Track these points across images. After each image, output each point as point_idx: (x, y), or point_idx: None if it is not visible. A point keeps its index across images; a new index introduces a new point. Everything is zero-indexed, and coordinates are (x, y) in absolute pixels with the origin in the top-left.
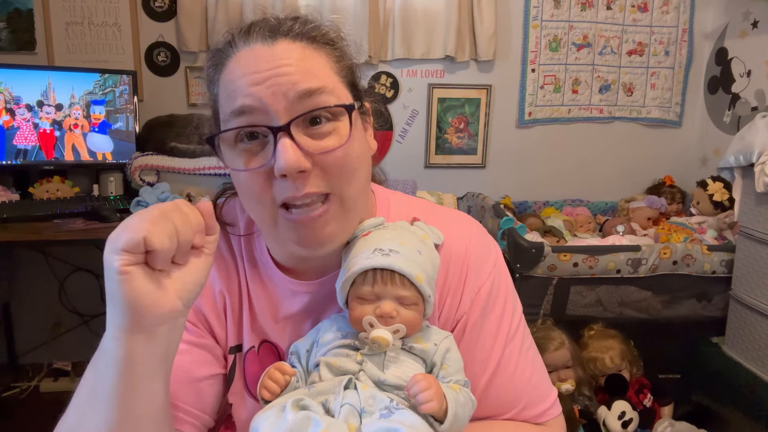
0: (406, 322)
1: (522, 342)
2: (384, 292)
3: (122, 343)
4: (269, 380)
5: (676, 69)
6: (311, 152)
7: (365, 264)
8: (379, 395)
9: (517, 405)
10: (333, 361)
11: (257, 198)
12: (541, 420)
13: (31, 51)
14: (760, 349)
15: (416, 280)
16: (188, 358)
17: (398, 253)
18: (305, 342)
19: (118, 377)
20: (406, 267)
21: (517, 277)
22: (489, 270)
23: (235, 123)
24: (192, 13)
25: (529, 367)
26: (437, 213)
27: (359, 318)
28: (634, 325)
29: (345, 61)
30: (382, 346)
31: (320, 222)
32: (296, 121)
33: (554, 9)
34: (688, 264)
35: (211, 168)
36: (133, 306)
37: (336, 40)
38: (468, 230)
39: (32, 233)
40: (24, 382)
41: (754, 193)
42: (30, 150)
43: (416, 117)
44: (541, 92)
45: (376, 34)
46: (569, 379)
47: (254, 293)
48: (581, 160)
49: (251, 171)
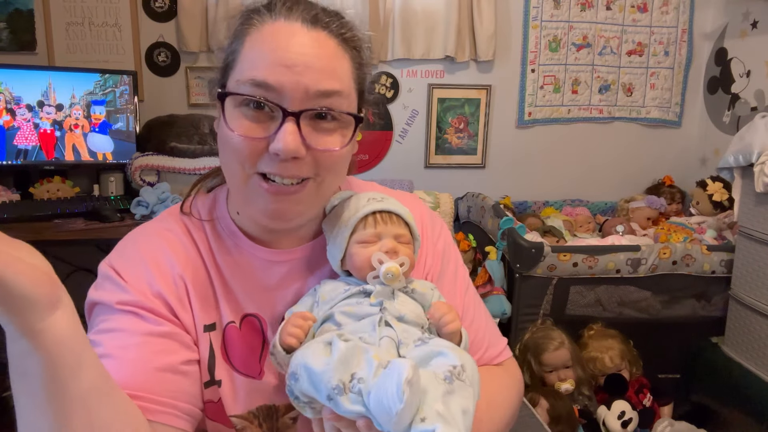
0: (407, 257)
1: (474, 292)
2: (385, 231)
3: (42, 333)
4: (293, 327)
5: (675, 69)
6: (311, 146)
7: (365, 210)
8: (410, 329)
9: (482, 346)
10: (349, 309)
11: (240, 161)
12: (499, 360)
13: (31, 51)
14: (760, 349)
15: (409, 219)
16: (148, 348)
17: (389, 199)
18: (301, 306)
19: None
20: (400, 209)
21: (517, 277)
22: (439, 230)
23: (249, 91)
24: (192, 13)
25: (484, 314)
26: (388, 191)
27: (367, 258)
28: (634, 325)
29: (364, 69)
30: (396, 277)
31: (293, 198)
32: (307, 114)
33: (554, 9)
34: (688, 264)
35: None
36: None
37: (363, 47)
38: (416, 201)
39: (32, 233)
40: None
41: (754, 193)
42: (30, 150)
43: (416, 117)
44: (541, 92)
45: (376, 34)
46: (569, 379)
47: (226, 269)
48: (581, 160)
49: (247, 138)
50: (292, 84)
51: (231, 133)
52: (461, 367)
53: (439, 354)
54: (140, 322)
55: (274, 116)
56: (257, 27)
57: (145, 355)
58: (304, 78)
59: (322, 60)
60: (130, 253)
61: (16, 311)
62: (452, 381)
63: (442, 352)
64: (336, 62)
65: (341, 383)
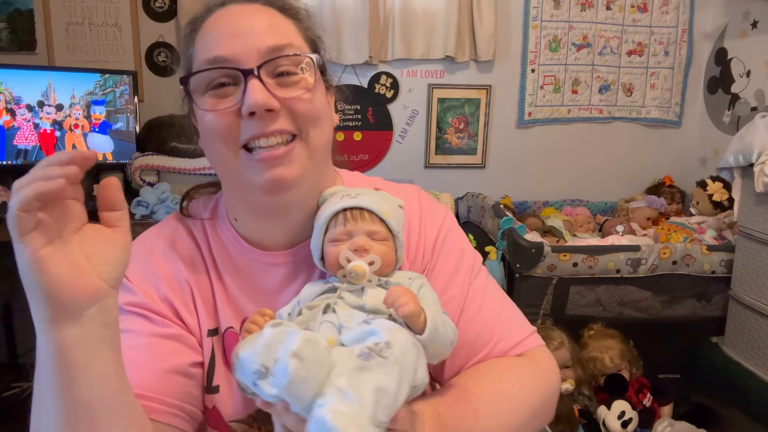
0: (380, 255)
1: (486, 282)
2: (356, 229)
3: (51, 334)
4: (252, 324)
5: (675, 69)
6: (279, 95)
7: (336, 207)
8: (357, 313)
9: (491, 339)
10: (312, 303)
11: (221, 137)
12: (518, 351)
13: (31, 51)
14: (760, 349)
15: (384, 215)
16: (156, 349)
17: (365, 195)
18: (287, 307)
19: (55, 369)
20: (373, 204)
21: (517, 277)
22: (440, 220)
23: (207, 68)
24: (192, 13)
25: (497, 304)
26: (391, 185)
27: (336, 257)
28: (634, 325)
29: (311, 34)
30: (360, 276)
31: (285, 159)
32: (266, 71)
33: (554, 9)
34: (688, 264)
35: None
36: (53, 293)
37: (302, 16)
38: (417, 194)
39: None
40: (24, 382)
41: (754, 193)
42: (30, 150)
43: (416, 117)
44: (541, 92)
45: (376, 34)
46: (569, 379)
47: (226, 273)
48: (581, 160)
49: (218, 111)
50: (243, 48)
51: (204, 113)
52: (385, 344)
53: (371, 333)
54: (148, 324)
55: (238, 88)
56: (201, 26)
57: (154, 355)
58: (252, 39)
59: (264, 22)
60: (136, 256)
61: (42, 303)
62: (369, 358)
63: (374, 330)
64: (278, 22)
65: (263, 367)
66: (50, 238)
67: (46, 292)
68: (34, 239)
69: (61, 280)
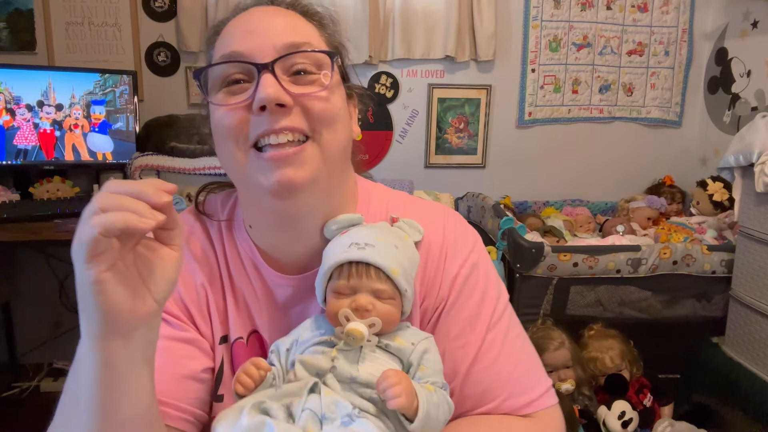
0: (382, 316)
1: (507, 329)
2: (359, 286)
3: (99, 352)
4: (244, 375)
5: (676, 69)
6: (293, 92)
7: (341, 257)
8: (341, 402)
9: (501, 394)
10: (307, 359)
11: (232, 135)
12: (527, 411)
13: (31, 51)
14: (760, 349)
15: (392, 273)
16: (174, 353)
17: (374, 246)
18: (286, 341)
19: (97, 385)
20: (382, 260)
21: (517, 277)
22: (465, 255)
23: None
24: (192, 13)
25: (514, 355)
26: (415, 204)
27: (335, 312)
28: (634, 325)
29: (333, 40)
30: (357, 339)
31: (296, 160)
32: (281, 66)
33: (554, 9)
34: (688, 264)
35: (211, 168)
36: (110, 315)
37: (326, 21)
38: (443, 219)
39: (32, 233)
40: (24, 382)
41: (754, 193)
42: (30, 150)
43: (416, 117)
44: (541, 92)
45: (376, 34)
46: (569, 379)
47: (239, 281)
48: (581, 160)
49: (230, 106)
50: (259, 43)
51: (216, 108)
52: None
53: None
54: (166, 327)
55: (253, 82)
56: (223, 29)
57: (171, 360)
58: (269, 36)
59: (284, 21)
60: None
61: (97, 322)
62: None
63: None
64: (299, 23)
65: None
66: (114, 261)
67: (103, 312)
68: (100, 262)
69: (119, 303)
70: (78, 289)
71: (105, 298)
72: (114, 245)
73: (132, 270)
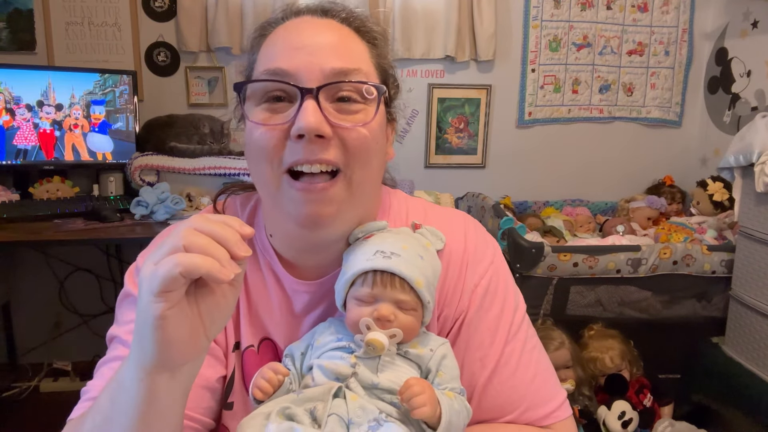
0: (403, 327)
1: (525, 341)
2: (383, 295)
3: (146, 383)
4: (262, 380)
5: (676, 69)
6: (334, 122)
7: (366, 265)
8: (368, 406)
9: (519, 406)
10: (326, 364)
11: (267, 156)
12: (546, 423)
13: (31, 51)
14: (760, 349)
15: (416, 284)
16: None
17: (400, 256)
18: (300, 345)
19: (138, 413)
20: (407, 271)
21: (517, 277)
22: (486, 266)
23: (266, 79)
24: (192, 13)
25: (532, 367)
26: (434, 212)
27: (356, 320)
28: (634, 325)
29: (383, 61)
30: (377, 350)
31: (325, 196)
32: (326, 93)
33: (554, 9)
34: (688, 264)
35: (211, 168)
36: (165, 351)
37: (378, 41)
38: (464, 228)
39: (32, 233)
40: (24, 382)
41: (754, 193)
42: (30, 150)
43: (416, 117)
44: (541, 92)
45: None
46: (569, 379)
47: (253, 288)
48: (581, 160)
49: (268, 126)
50: (306, 64)
51: (253, 126)
52: None
53: None
54: None
55: (294, 105)
56: (271, 32)
57: None
58: (317, 57)
59: (335, 40)
60: None
61: (150, 355)
62: None
63: None
64: (350, 43)
65: None
66: (180, 299)
67: (159, 348)
68: (169, 299)
69: (177, 340)
70: (138, 318)
71: (164, 334)
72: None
73: (193, 307)
